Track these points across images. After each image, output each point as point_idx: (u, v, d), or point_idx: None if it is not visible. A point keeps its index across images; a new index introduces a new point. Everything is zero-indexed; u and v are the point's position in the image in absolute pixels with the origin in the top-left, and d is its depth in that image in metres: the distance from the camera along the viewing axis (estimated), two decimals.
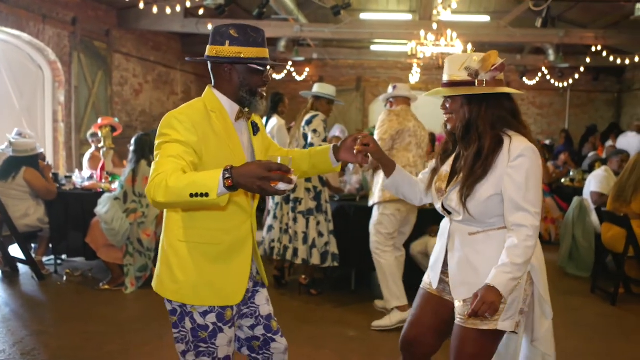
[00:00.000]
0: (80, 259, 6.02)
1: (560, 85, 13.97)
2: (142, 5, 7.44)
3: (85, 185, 6.01)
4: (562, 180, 8.47)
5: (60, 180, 6.17)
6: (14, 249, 5.79)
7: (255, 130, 2.33)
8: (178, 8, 8.38)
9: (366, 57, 14.31)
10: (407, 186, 2.55)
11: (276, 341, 2.40)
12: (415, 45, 8.70)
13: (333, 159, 2.42)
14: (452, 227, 2.35)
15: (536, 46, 12.16)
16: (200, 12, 8.90)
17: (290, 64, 13.46)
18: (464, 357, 2.25)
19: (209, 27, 8.65)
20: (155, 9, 8.08)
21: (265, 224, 5.29)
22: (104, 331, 4.19)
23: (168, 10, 8.11)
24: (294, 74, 14.11)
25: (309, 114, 5.01)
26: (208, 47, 2.18)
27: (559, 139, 12.94)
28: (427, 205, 4.88)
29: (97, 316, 4.53)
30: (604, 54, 10.80)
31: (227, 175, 1.77)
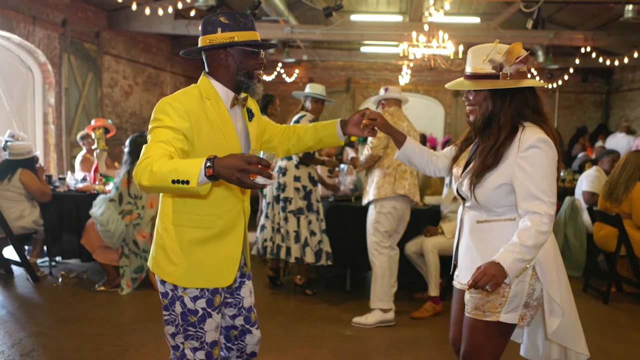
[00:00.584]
0: (74, 260, 6.01)
1: (549, 86, 14.07)
2: (134, 7, 7.42)
3: (79, 187, 5.99)
4: None
5: (54, 182, 6.15)
6: (8, 251, 5.76)
7: (250, 116, 2.37)
8: (170, 9, 8.36)
9: (356, 59, 14.35)
10: (419, 157, 2.63)
11: (252, 333, 2.47)
12: (407, 47, 8.73)
13: (340, 133, 2.52)
14: (464, 213, 2.39)
15: (525, 47, 12.21)
16: (192, 14, 8.90)
17: (280, 65, 13.50)
18: (471, 348, 2.28)
19: (200, 28, 8.63)
20: (147, 10, 8.06)
21: (258, 223, 5.30)
22: (101, 333, 4.18)
23: (160, 11, 8.09)
24: (284, 75, 14.12)
25: (297, 114, 5.07)
26: (200, 38, 2.22)
27: None
28: (420, 205, 4.96)
29: (94, 318, 4.52)
30: (593, 55, 10.88)
31: (208, 165, 1.80)
